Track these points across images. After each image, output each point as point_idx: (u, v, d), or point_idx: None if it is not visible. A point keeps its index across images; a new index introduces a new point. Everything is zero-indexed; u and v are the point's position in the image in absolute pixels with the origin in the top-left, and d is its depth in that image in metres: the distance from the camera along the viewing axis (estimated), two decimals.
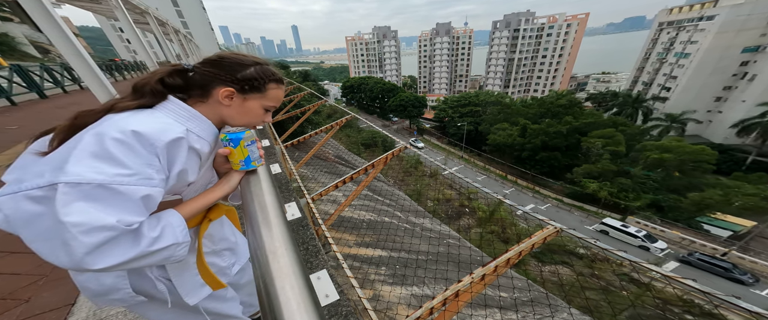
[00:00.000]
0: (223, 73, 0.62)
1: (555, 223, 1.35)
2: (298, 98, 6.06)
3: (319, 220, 2.00)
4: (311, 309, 0.32)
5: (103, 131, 0.47)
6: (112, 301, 0.64)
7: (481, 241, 12.26)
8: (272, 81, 0.67)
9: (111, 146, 0.46)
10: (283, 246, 0.42)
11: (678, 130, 29.41)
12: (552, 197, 23.94)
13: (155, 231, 0.50)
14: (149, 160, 0.50)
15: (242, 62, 0.63)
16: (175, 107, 0.60)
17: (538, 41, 55.62)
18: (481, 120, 33.67)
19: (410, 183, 19.76)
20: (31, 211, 0.42)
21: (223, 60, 0.63)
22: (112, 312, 1.31)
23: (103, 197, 0.44)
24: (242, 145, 0.65)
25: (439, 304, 1.23)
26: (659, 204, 20.04)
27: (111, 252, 0.44)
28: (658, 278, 6.84)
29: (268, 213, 0.51)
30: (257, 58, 0.66)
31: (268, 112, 0.70)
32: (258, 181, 0.64)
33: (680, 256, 16.27)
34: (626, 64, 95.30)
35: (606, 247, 1.17)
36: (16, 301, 1.30)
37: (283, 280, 0.35)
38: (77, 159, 0.43)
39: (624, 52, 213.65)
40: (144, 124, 0.50)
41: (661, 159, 20.08)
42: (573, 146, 24.53)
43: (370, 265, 3.18)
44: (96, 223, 0.42)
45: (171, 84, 0.62)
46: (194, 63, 0.64)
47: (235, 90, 0.63)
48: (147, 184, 0.49)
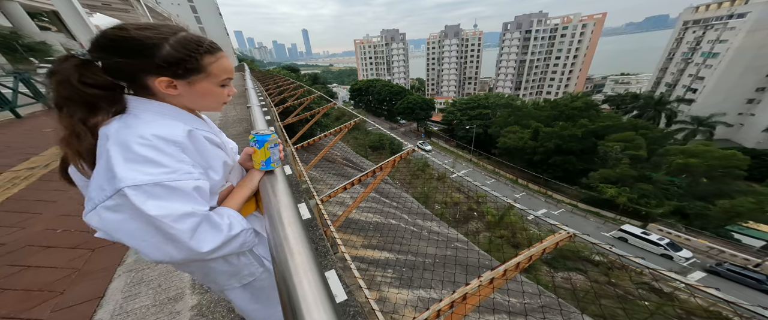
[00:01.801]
0: (139, 61, 0.52)
1: (568, 228, 1.32)
2: (308, 101, 6.21)
3: (327, 221, 2.04)
4: (327, 304, 0.34)
5: (123, 140, 0.48)
6: (244, 277, 0.72)
7: (490, 245, 11.97)
8: (205, 53, 0.57)
9: (140, 150, 0.48)
10: (299, 244, 0.45)
11: (705, 134, 27.65)
12: (566, 202, 23.06)
13: (226, 220, 0.57)
14: (180, 157, 0.52)
15: (150, 40, 0.51)
16: (152, 107, 0.56)
17: (551, 42, 54.12)
18: (490, 122, 33.04)
19: (417, 186, 19.64)
20: (115, 219, 0.47)
21: (122, 42, 0.51)
22: (137, 305, 1.37)
23: (164, 194, 0.48)
24: (266, 146, 0.70)
25: (446, 307, 1.23)
26: (684, 212, 18.87)
27: (206, 237, 0.51)
28: (681, 288, 6.47)
29: (286, 213, 0.55)
30: (161, 27, 0.54)
31: (225, 86, 0.63)
32: (276, 182, 0.68)
33: (707, 266, 15.26)
34: (647, 65, 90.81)
35: (623, 254, 1.14)
36: (52, 293, 1.39)
37: (301, 276, 0.38)
38: (120, 168, 0.46)
39: (644, 52, 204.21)
40: (154, 127, 0.51)
41: (686, 164, 18.94)
42: (589, 150, 23.56)
43: (376, 267, 3.19)
44: (179, 212, 0.48)
45: (96, 83, 0.52)
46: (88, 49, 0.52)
47: (170, 77, 0.55)
48: (191, 178, 0.51)
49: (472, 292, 1.24)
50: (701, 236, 17.65)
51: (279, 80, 11.43)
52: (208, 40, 0.59)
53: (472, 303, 1.25)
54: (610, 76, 78.52)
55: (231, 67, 0.63)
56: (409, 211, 7.13)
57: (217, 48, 0.60)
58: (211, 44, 0.59)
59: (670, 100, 33.65)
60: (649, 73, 61.47)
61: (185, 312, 1.33)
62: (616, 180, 20.21)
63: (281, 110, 5.86)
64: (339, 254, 1.84)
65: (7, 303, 1.32)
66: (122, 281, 1.52)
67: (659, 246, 16.02)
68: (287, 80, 10.67)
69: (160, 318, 1.31)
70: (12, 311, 1.28)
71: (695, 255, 16.24)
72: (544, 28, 53.40)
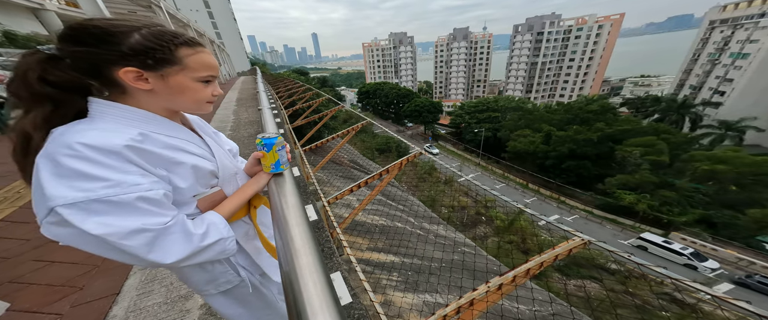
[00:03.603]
0: (103, 50, 0.47)
1: (582, 235, 1.26)
2: (316, 104, 6.31)
3: (334, 223, 2.05)
4: (333, 306, 0.34)
5: (51, 152, 0.43)
6: (221, 285, 0.71)
7: (498, 251, 11.65)
8: (181, 44, 0.52)
9: (69, 163, 0.42)
10: (306, 245, 0.46)
11: (734, 139, 25.96)
12: (580, 208, 22.20)
13: (201, 229, 0.55)
14: (123, 168, 0.46)
15: (117, 28, 0.47)
16: (110, 110, 0.51)
17: (564, 44, 52.70)
18: (500, 126, 32.40)
19: (424, 190, 19.48)
20: (64, 233, 0.43)
21: (86, 30, 0.46)
22: (150, 303, 1.42)
23: (107, 210, 0.43)
24: (275, 149, 0.70)
25: (452, 312, 1.20)
26: (711, 221, 17.73)
27: (171, 248, 0.49)
28: (706, 299, 6.06)
29: (294, 214, 0.55)
30: (135, 19, 0.51)
31: (207, 83, 0.57)
32: (285, 184, 0.69)
33: (736, 278, 14.31)
34: (669, 66, 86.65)
35: (643, 262, 1.07)
36: (73, 288, 1.45)
37: (306, 278, 0.38)
38: (48, 185, 0.41)
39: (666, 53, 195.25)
40: (89, 136, 0.45)
41: (713, 170, 17.83)
42: (605, 155, 22.62)
43: (382, 270, 3.17)
44: (126, 229, 0.44)
45: (59, 82, 0.48)
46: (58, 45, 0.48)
47: (137, 67, 0.49)
48: (138, 190, 0.46)
49: (479, 298, 1.20)
50: (729, 246, 16.54)
51: (289, 83, 11.69)
52: (186, 34, 0.55)
53: (480, 309, 1.22)
54: (629, 78, 75.40)
55: (214, 64, 0.57)
56: (416, 215, 7.07)
57: (197, 43, 0.55)
58: (191, 38, 0.55)
59: (695, 103, 31.90)
60: (671, 74, 58.61)
61: (194, 311, 1.36)
62: (635, 187, 19.29)
63: (291, 113, 5.98)
64: (344, 256, 1.84)
65: (32, 296, 1.39)
66: (137, 278, 1.57)
67: (682, 256, 15.17)
68: (297, 83, 10.90)
69: (170, 315, 1.34)
70: (35, 304, 1.34)
71: (722, 266, 15.23)
72: (557, 30, 52.10)
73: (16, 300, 1.35)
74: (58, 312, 1.31)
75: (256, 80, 7.93)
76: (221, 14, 45.25)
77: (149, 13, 10.39)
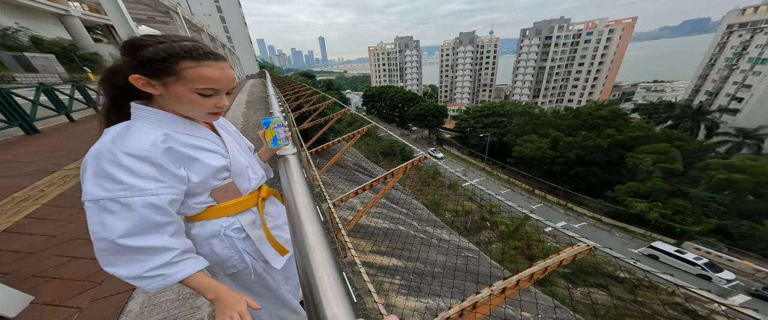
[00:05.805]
0: (128, 58, 0.56)
1: (588, 241, 1.26)
2: (322, 107, 6.42)
3: (339, 225, 2.08)
4: (346, 299, 0.37)
5: (96, 152, 0.53)
6: (227, 268, 0.78)
7: (503, 256, 11.44)
8: (186, 58, 0.55)
9: (105, 166, 0.52)
10: (320, 242, 0.49)
11: (753, 148, 24.93)
12: (588, 215, 21.65)
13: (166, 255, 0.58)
14: (141, 172, 0.54)
15: (143, 42, 0.56)
16: (144, 113, 0.60)
17: (573, 49, 52.00)
18: (506, 131, 32.02)
19: (428, 194, 19.36)
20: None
21: (127, 43, 0.57)
22: (163, 299, 1.47)
23: (116, 209, 0.52)
24: (271, 126, 0.87)
25: (455, 315, 1.22)
26: (727, 231, 17.03)
27: (123, 265, 0.56)
28: (720, 310, 5.78)
29: (307, 213, 0.60)
30: (162, 38, 0.58)
31: (207, 97, 0.60)
32: (296, 184, 0.73)
33: (752, 289, 13.72)
34: (684, 72, 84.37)
35: (648, 269, 1.06)
36: (92, 283, 1.50)
37: (322, 272, 0.42)
38: (88, 182, 0.52)
39: (680, 58, 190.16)
40: (127, 143, 0.54)
41: (730, 179, 17.17)
42: (615, 161, 22.04)
43: (384, 273, 3.17)
44: (102, 235, 0.52)
45: (114, 83, 0.60)
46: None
47: (143, 75, 0.55)
48: (144, 194, 0.54)
49: (482, 301, 1.21)
50: (746, 257, 15.86)
51: (296, 86, 11.89)
52: (206, 48, 0.59)
53: (483, 313, 1.22)
54: (642, 84, 73.57)
55: (217, 78, 0.59)
56: (419, 218, 7.04)
57: (206, 56, 0.58)
58: (204, 52, 0.58)
59: (711, 110, 30.85)
60: (686, 80, 56.98)
61: (204, 308, 1.42)
62: (646, 195, 18.70)
63: (297, 115, 6.10)
64: (348, 258, 1.87)
65: (54, 290, 1.45)
66: None
67: (696, 266, 14.64)
68: (303, 86, 11.08)
69: (182, 311, 1.40)
70: (57, 298, 1.40)
71: (738, 278, 14.61)
72: (566, 34, 51.50)
73: (40, 293, 1.41)
74: (78, 305, 1.37)
75: (266, 84, 8.11)
76: (233, 19, 46.58)
77: (167, 18, 10.82)
